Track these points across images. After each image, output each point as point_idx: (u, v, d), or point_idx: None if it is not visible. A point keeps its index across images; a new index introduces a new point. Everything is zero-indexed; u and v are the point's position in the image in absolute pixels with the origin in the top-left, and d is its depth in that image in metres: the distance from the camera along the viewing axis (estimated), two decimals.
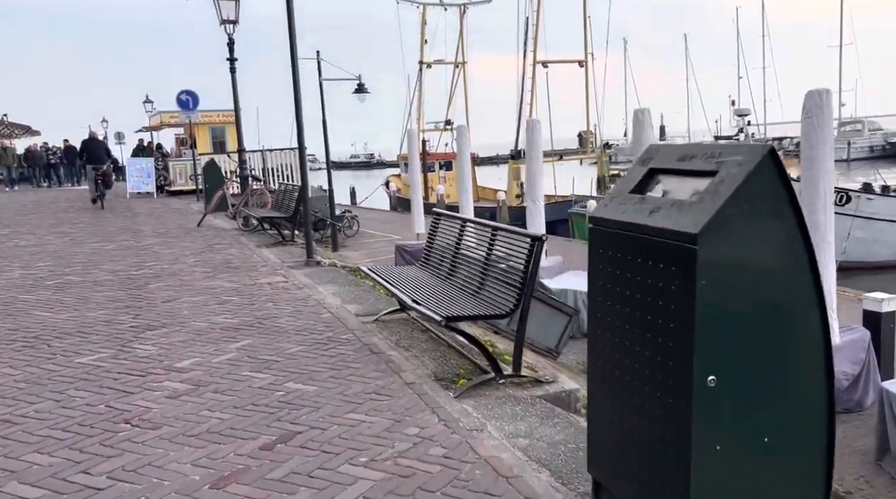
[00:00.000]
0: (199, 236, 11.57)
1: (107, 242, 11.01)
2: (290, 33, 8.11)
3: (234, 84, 12.46)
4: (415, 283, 5.18)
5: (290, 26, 8.08)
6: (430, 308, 4.18)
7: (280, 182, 18.33)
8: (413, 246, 16.27)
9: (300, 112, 8.42)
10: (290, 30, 8.10)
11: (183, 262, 8.83)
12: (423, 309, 4.17)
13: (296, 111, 8.41)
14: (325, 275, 7.82)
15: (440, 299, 4.53)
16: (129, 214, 16.07)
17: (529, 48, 31.07)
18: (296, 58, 8.22)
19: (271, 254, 9.50)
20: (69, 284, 7.39)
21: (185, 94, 21.20)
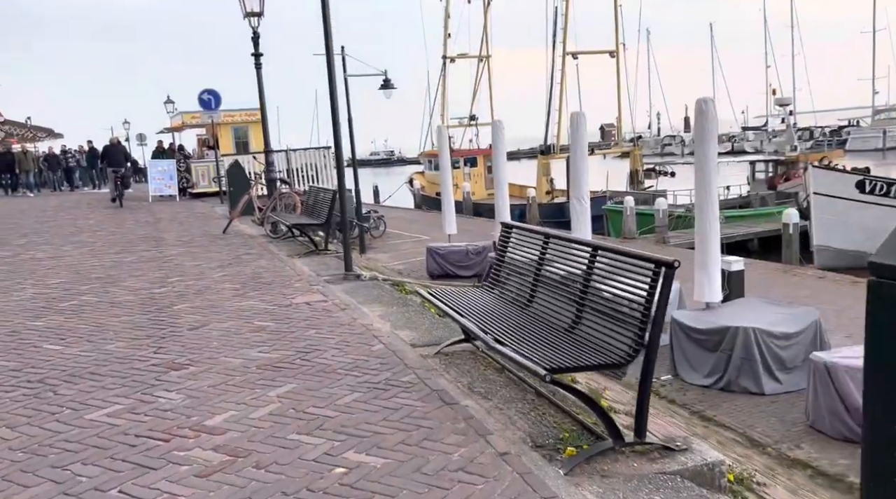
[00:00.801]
0: (225, 245, 10.81)
1: (127, 252, 10.29)
2: (326, 31, 7.28)
3: (259, 81, 11.67)
4: (487, 312, 4.30)
5: (325, 23, 7.25)
6: (524, 353, 3.30)
7: (310, 185, 17.58)
8: (445, 248, 15.42)
9: (336, 110, 7.58)
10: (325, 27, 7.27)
11: (209, 276, 8.05)
12: (517, 356, 3.28)
13: (332, 110, 7.57)
14: (367, 292, 6.97)
15: (527, 338, 3.64)
16: (150, 220, 15.40)
17: (559, 39, 30.01)
18: (331, 56, 7.39)
19: (305, 265, 8.68)
20: (84, 306, 6.63)
21: (206, 94, 20.54)
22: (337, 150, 7.67)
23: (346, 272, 7.72)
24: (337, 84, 7.73)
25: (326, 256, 9.49)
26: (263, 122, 11.98)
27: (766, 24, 75.08)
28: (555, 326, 3.86)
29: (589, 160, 33.01)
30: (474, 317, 4.17)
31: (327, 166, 21.49)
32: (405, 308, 6.21)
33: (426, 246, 15.39)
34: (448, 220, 16.03)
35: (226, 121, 23.63)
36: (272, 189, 12.24)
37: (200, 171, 23.16)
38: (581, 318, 3.72)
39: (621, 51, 30.94)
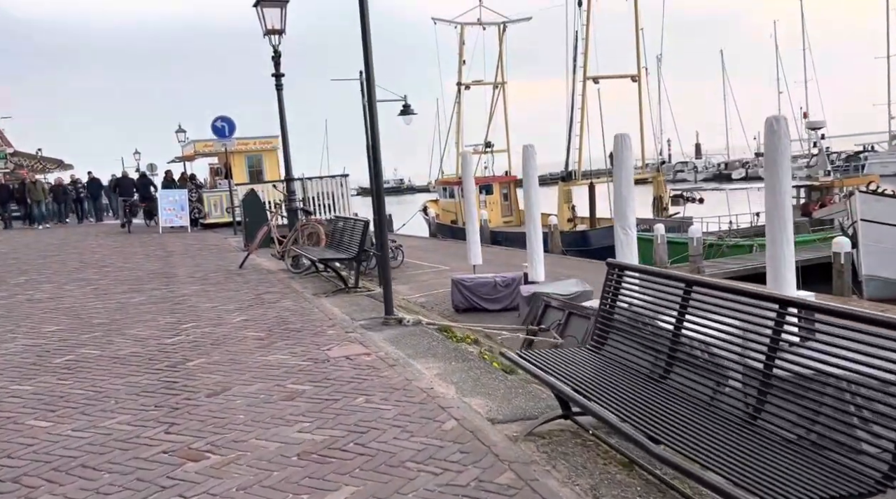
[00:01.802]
0: (242, 282, 9.80)
1: (135, 291, 9.29)
2: (366, 59, 6.38)
3: (280, 102, 10.77)
4: (604, 386, 3.23)
5: (365, 51, 6.34)
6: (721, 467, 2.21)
7: (334, 214, 16.61)
8: (472, 280, 14.33)
9: (377, 139, 6.62)
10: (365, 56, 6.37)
11: (228, 321, 7.01)
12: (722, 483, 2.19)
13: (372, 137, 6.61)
14: (415, 341, 5.91)
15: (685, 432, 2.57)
16: (161, 253, 14.44)
17: (579, 64, 29.25)
18: (372, 83, 6.46)
19: (335, 307, 7.64)
20: (82, 361, 5.59)
21: (220, 121, 19.77)
22: (377, 182, 6.70)
23: (386, 316, 6.66)
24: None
25: (358, 294, 8.45)
26: (285, 147, 11.06)
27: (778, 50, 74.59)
28: (721, 415, 2.77)
29: (603, 187, 31.74)
30: (597, 397, 3.10)
31: (344, 195, 20.59)
32: (465, 364, 5.14)
33: (451, 277, 14.33)
34: (473, 250, 15.00)
35: (239, 149, 22.87)
36: (293, 220, 11.26)
37: (213, 200, 22.31)
38: (764, 405, 2.64)
39: (643, 75, 30.14)
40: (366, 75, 6.47)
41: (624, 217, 10.77)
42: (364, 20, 6.32)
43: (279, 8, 10.52)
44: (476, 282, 14.19)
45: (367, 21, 6.32)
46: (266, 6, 10.44)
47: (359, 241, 8.62)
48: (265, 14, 10.45)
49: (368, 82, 6.52)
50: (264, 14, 10.45)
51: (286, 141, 11.00)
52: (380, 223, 6.80)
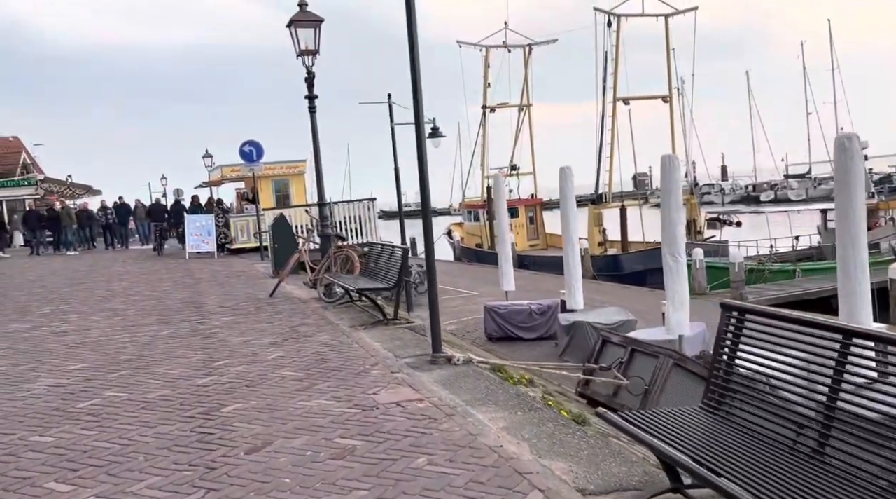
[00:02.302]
0: (274, 312, 9.33)
1: (164, 323, 8.86)
2: (415, 91, 5.94)
3: (313, 125, 10.38)
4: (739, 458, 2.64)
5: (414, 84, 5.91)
6: None
7: (367, 240, 16.17)
8: (506, 307, 13.71)
9: (425, 164, 6.15)
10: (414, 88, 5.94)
11: (263, 358, 6.51)
12: None
13: (420, 164, 6.14)
14: (469, 384, 5.34)
15: None
16: (189, 281, 14.09)
17: (608, 85, 28.78)
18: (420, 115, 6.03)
19: (375, 341, 7.11)
20: (109, 407, 5.11)
21: (248, 146, 19.57)
22: (425, 207, 6.22)
23: (434, 354, 6.11)
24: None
25: (397, 327, 7.92)
26: (318, 169, 10.65)
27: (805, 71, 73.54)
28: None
29: (625, 210, 30.84)
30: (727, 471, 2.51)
31: (371, 220, 20.20)
32: (533, 414, 4.56)
33: (483, 304, 13.77)
34: (506, 276, 14.44)
35: (266, 174, 22.65)
36: (326, 246, 10.81)
37: (239, 225, 22.08)
38: None
39: (675, 95, 29.58)
40: (414, 109, 6.03)
41: (673, 242, 10.16)
42: (413, 51, 5.88)
43: (313, 28, 10.19)
44: (510, 309, 13.59)
45: (417, 52, 5.87)
46: (300, 27, 10.11)
47: (398, 269, 8.11)
48: (299, 35, 10.11)
49: (417, 115, 6.06)
50: (298, 35, 10.12)
51: (319, 163, 10.60)
52: (428, 253, 6.29)
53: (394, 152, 22.83)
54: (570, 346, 11.81)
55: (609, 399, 6.68)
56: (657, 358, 6.34)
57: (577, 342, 11.72)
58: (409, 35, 5.84)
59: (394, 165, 23.09)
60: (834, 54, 70.51)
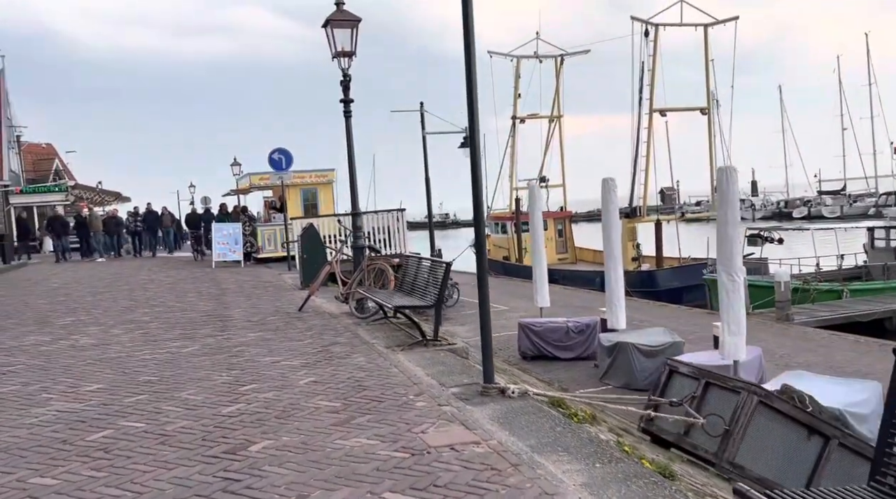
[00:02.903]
0: (304, 329, 8.74)
1: (187, 338, 8.31)
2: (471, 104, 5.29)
3: (348, 131, 9.82)
4: None
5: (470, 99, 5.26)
6: None
7: (400, 252, 15.56)
8: (541, 325, 12.93)
9: (478, 180, 5.52)
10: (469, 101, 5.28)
11: (294, 382, 5.90)
12: None
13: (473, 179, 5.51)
14: (531, 422, 4.65)
15: None
16: (215, 291, 13.60)
17: (644, 96, 27.97)
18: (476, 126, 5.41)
19: (416, 366, 6.46)
20: (122, 439, 4.51)
21: (277, 153, 19.15)
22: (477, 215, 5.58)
23: (485, 385, 5.43)
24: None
25: (438, 349, 7.26)
26: (352, 177, 10.06)
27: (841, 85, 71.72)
28: None
29: (660, 224, 29.63)
30: None
31: (400, 230, 19.62)
32: (613, 467, 3.86)
33: (518, 321, 13.06)
34: (540, 291, 13.70)
35: (294, 182, 22.24)
36: (359, 258, 10.22)
37: (266, 234, 21.67)
38: None
39: (713, 107, 28.65)
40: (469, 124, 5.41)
41: (730, 260, 9.36)
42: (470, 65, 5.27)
43: (350, 28, 9.65)
44: (546, 327, 12.85)
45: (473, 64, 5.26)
46: (336, 26, 9.58)
47: (438, 286, 7.47)
48: (335, 35, 9.58)
49: (472, 129, 5.43)
50: (334, 35, 9.59)
51: (353, 171, 10.02)
52: (480, 275, 5.63)
53: (425, 161, 22.42)
54: (613, 368, 11.06)
55: (679, 439, 5.93)
56: (738, 394, 5.58)
57: (619, 365, 10.97)
58: (466, 48, 5.25)
59: (424, 174, 22.68)
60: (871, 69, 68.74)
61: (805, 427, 5.67)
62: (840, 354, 13.27)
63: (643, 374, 10.68)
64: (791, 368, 12.08)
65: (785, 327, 16.20)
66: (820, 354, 13.06)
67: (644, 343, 10.90)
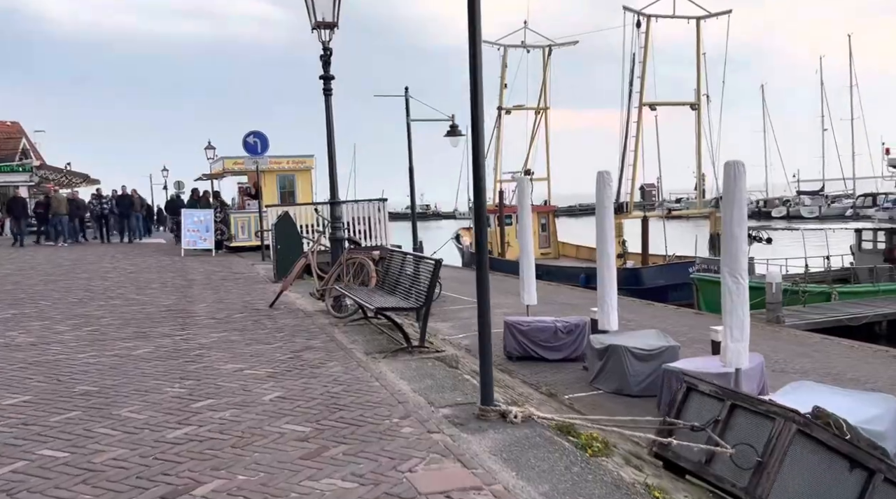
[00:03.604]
0: (274, 329, 7.84)
1: (141, 337, 7.38)
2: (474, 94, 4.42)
3: (328, 110, 8.91)
4: None
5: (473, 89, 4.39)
6: None
7: (381, 245, 14.63)
8: (528, 324, 12.15)
9: (481, 171, 4.69)
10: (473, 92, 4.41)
11: (257, 398, 5.03)
12: None
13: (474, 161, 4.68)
14: (543, 461, 3.84)
15: None
16: (180, 282, 12.62)
17: (635, 89, 27.30)
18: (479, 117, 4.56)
19: (400, 378, 5.62)
20: (34, 476, 3.61)
21: (253, 137, 18.12)
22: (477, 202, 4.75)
23: (483, 407, 4.61)
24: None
25: (425, 357, 6.43)
26: (331, 161, 9.14)
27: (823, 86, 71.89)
28: None
29: (647, 221, 28.95)
30: None
31: (382, 221, 18.68)
32: None
33: (504, 319, 12.30)
34: (528, 288, 12.94)
35: (271, 168, 21.19)
36: (337, 251, 9.33)
37: (240, 222, 20.61)
38: None
39: (704, 102, 28.08)
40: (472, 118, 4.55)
41: (735, 260, 8.60)
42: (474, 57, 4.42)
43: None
44: (533, 326, 12.11)
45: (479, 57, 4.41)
46: None
47: (427, 286, 6.63)
48: (315, 4, 8.65)
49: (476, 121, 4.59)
50: (314, 4, 8.66)
51: (332, 155, 9.10)
52: (480, 270, 4.80)
53: (409, 149, 21.43)
54: (604, 372, 10.36)
55: (700, 468, 5.17)
56: (772, 420, 4.83)
57: (611, 368, 10.27)
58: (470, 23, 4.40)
59: (409, 162, 21.68)
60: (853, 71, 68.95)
61: (846, 459, 4.95)
62: (837, 360, 12.72)
63: (636, 379, 10.01)
64: (788, 374, 11.47)
65: (776, 330, 15.59)
66: (816, 360, 12.50)
67: (637, 347, 10.21)
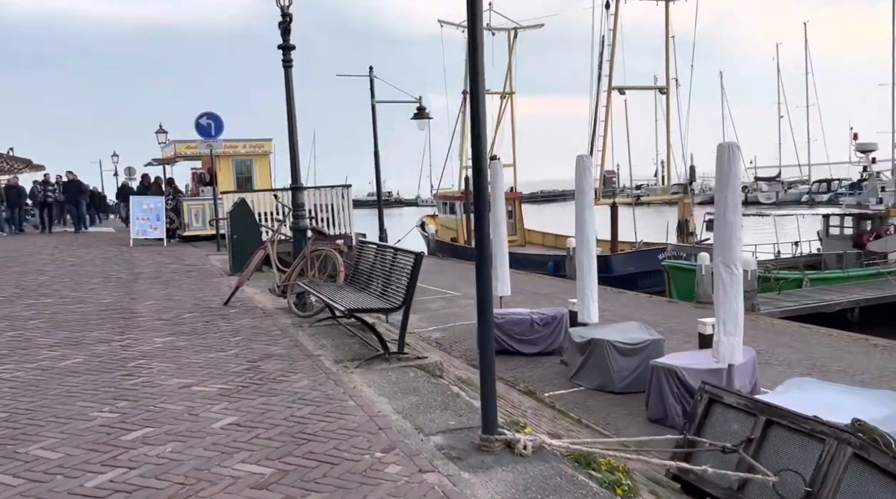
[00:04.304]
0: (229, 332, 6.87)
1: (73, 343, 6.34)
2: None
3: (288, 84, 7.90)
4: None
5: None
6: None
7: (354, 235, 13.65)
8: (503, 316, 11.38)
9: (480, 130, 3.84)
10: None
11: (205, 425, 4.10)
12: None
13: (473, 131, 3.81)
14: None
15: None
16: (126, 276, 11.47)
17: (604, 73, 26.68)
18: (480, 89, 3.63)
19: (378, 394, 4.75)
20: None
21: (206, 118, 16.89)
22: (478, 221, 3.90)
23: (486, 436, 3.78)
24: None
25: (405, 365, 5.56)
26: (291, 142, 8.13)
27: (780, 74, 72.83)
28: None
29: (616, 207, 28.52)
30: None
31: (345, 208, 17.64)
32: None
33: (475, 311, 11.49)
34: (501, 278, 12.19)
35: (226, 152, 19.94)
36: (300, 242, 8.37)
37: (194, 210, 19.34)
38: None
39: (673, 87, 27.67)
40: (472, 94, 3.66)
41: (728, 249, 7.92)
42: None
43: None
44: (508, 319, 11.37)
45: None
46: None
47: (406, 283, 5.76)
48: None
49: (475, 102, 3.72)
50: None
51: (293, 133, 8.09)
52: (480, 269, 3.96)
53: (374, 132, 20.37)
54: (585, 367, 9.71)
55: (730, 495, 4.46)
56: (821, 441, 4.11)
57: (593, 363, 9.63)
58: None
59: (374, 146, 20.62)
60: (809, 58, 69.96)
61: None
62: (818, 349, 12.34)
63: (620, 375, 9.38)
64: (773, 367, 10.97)
65: (752, 318, 15.15)
66: (798, 351, 12.09)
67: (620, 341, 9.56)
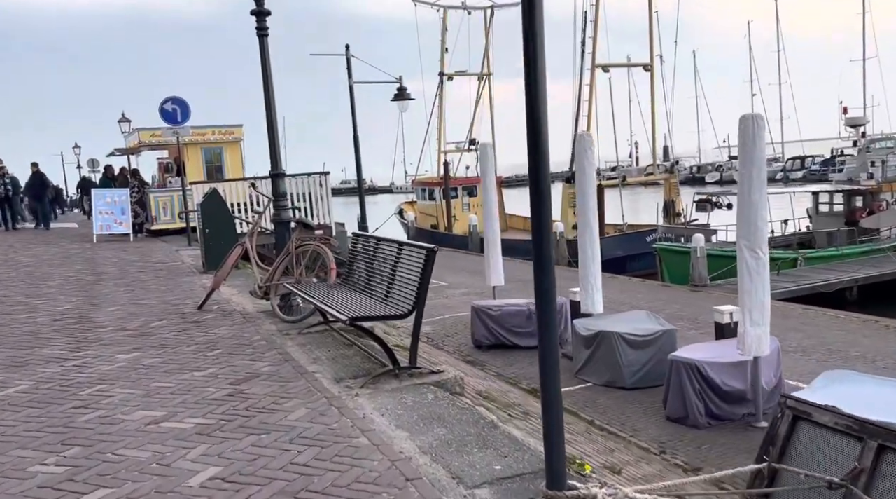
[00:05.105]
0: (205, 344, 5.86)
1: (16, 364, 5.29)
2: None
3: (263, 56, 6.85)
4: None
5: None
6: None
7: (346, 230, 12.59)
8: (498, 308, 10.50)
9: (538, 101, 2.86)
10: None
11: (179, 481, 3.13)
12: None
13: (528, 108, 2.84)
14: None
15: None
16: (87, 277, 10.33)
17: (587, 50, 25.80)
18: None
19: (395, 425, 3.82)
20: None
21: (171, 104, 15.64)
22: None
23: (552, 492, 2.87)
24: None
25: (420, 383, 4.63)
26: (269, 123, 7.08)
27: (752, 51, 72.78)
28: None
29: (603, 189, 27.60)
30: None
31: (324, 197, 16.59)
32: None
33: (472, 305, 10.66)
34: (494, 267, 11.32)
35: (194, 140, 18.71)
36: (283, 237, 7.35)
37: (161, 202, 18.11)
38: None
39: (657, 64, 26.92)
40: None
41: (755, 232, 7.06)
42: None
43: None
44: (504, 311, 10.49)
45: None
46: None
47: (417, 284, 4.81)
48: None
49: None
50: None
51: (271, 112, 7.04)
52: (540, 271, 3.03)
53: (352, 115, 19.29)
54: (592, 362, 8.87)
55: None
56: None
57: (601, 358, 8.78)
58: None
59: (353, 131, 19.54)
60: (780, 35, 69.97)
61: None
62: (829, 333, 11.70)
63: (630, 369, 8.54)
64: (788, 354, 10.11)
65: None
66: (810, 335, 11.42)
67: (630, 332, 8.74)
